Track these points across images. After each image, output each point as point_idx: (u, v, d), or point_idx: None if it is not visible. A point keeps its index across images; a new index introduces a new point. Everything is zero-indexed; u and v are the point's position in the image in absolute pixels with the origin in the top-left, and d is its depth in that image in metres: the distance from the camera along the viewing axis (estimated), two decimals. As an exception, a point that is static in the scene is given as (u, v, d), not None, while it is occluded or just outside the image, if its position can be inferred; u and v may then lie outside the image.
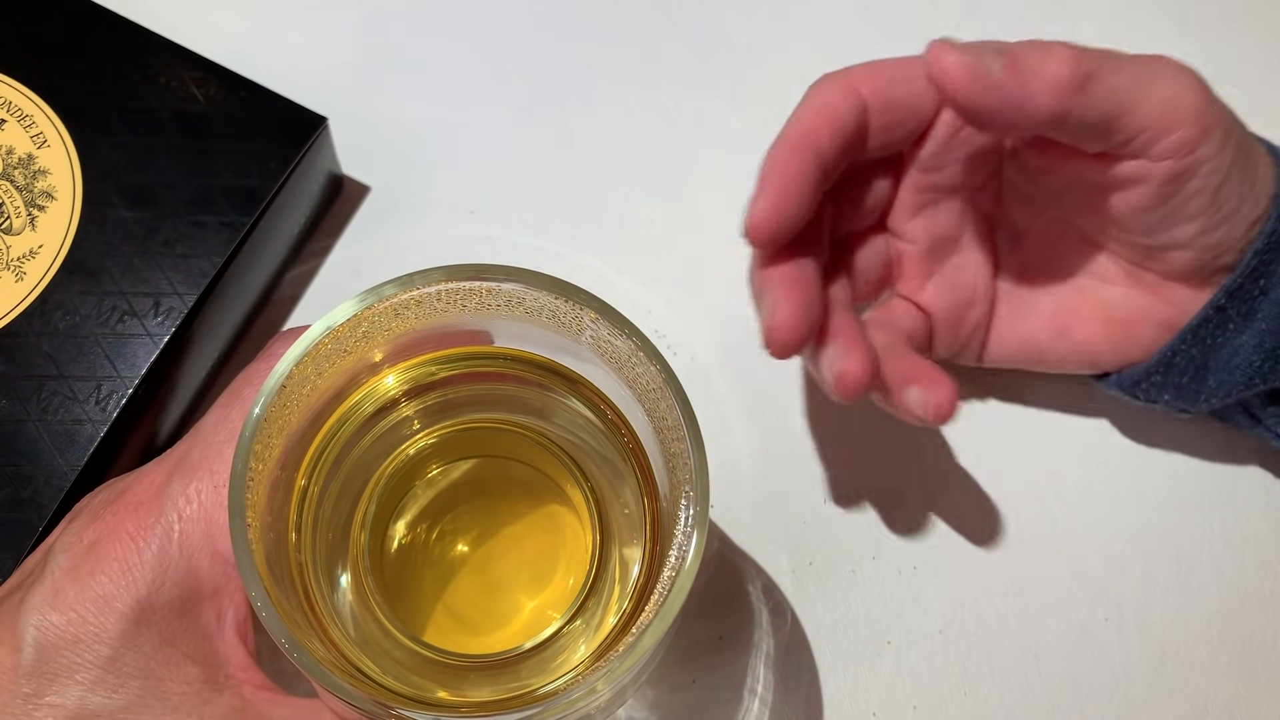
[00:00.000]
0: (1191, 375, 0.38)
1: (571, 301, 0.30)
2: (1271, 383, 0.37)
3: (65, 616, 0.30)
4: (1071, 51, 0.34)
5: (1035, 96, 0.34)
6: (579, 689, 0.27)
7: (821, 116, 0.36)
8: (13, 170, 0.40)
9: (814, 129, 0.36)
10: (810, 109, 0.36)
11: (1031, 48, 0.34)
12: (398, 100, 0.48)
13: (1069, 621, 0.41)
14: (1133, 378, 0.40)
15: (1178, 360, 0.38)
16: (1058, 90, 0.34)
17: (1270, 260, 0.36)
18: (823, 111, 0.36)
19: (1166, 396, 0.40)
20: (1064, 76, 0.34)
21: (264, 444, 0.29)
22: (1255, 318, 0.37)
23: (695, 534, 0.28)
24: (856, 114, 0.36)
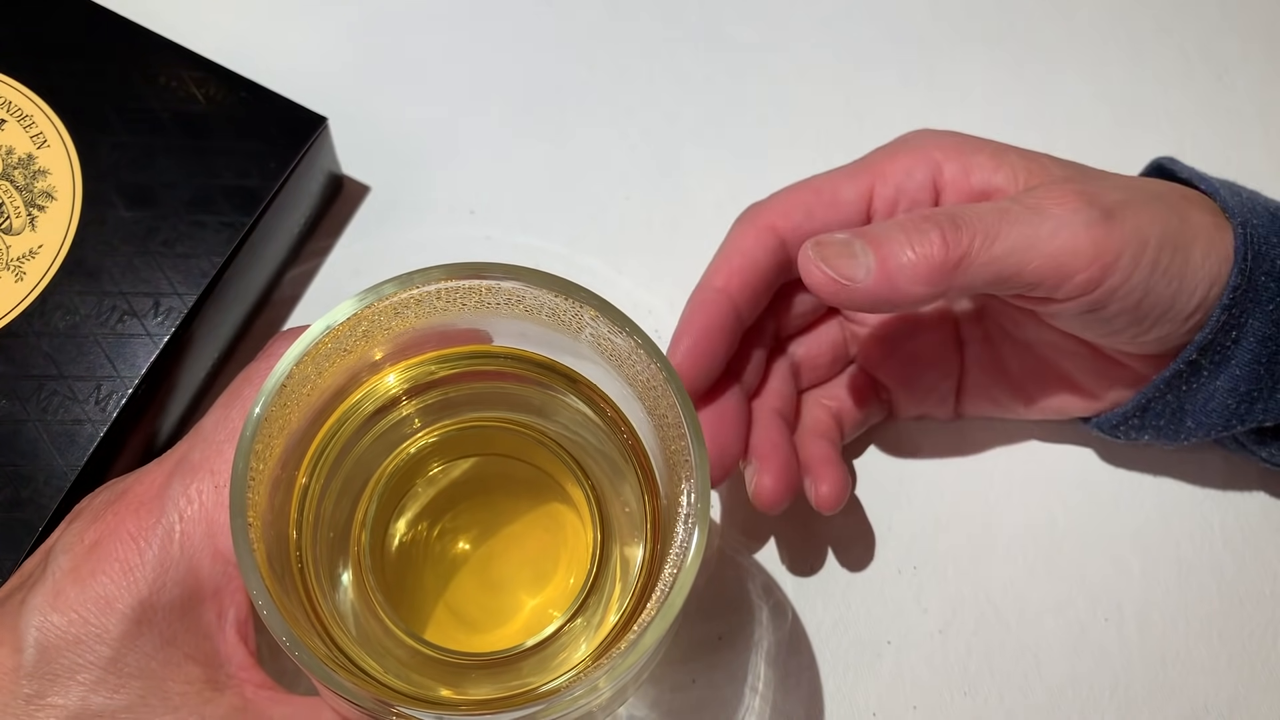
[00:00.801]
0: (1168, 419, 0.39)
1: (571, 299, 0.30)
2: (1249, 423, 0.37)
3: (66, 617, 0.30)
4: (945, 235, 0.34)
5: (908, 289, 0.34)
6: (580, 687, 0.27)
7: (733, 265, 0.37)
8: (13, 170, 0.40)
9: (726, 280, 0.37)
10: (724, 257, 0.38)
11: (899, 234, 0.34)
12: (398, 100, 0.48)
13: (1069, 621, 0.41)
14: (1110, 422, 0.40)
15: (1153, 406, 0.39)
16: (930, 279, 0.34)
17: (1239, 313, 0.35)
18: (734, 259, 0.37)
19: (1146, 437, 0.40)
20: (935, 266, 0.33)
21: (265, 443, 0.29)
22: (1229, 364, 0.36)
23: (696, 532, 0.28)
24: (773, 254, 0.38)
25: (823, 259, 0.34)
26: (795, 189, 0.39)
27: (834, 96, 0.49)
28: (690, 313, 0.37)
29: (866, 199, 0.38)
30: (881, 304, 0.34)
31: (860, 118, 0.48)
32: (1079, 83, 0.49)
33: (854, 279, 0.34)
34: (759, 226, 0.38)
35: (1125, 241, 0.34)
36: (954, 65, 0.49)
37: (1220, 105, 0.49)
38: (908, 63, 0.49)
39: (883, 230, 0.34)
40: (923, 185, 0.37)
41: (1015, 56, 0.50)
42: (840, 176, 0.38)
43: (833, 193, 0.38)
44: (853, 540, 0.42)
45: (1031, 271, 0.34)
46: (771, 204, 0.38)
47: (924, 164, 0.37)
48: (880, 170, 0.38)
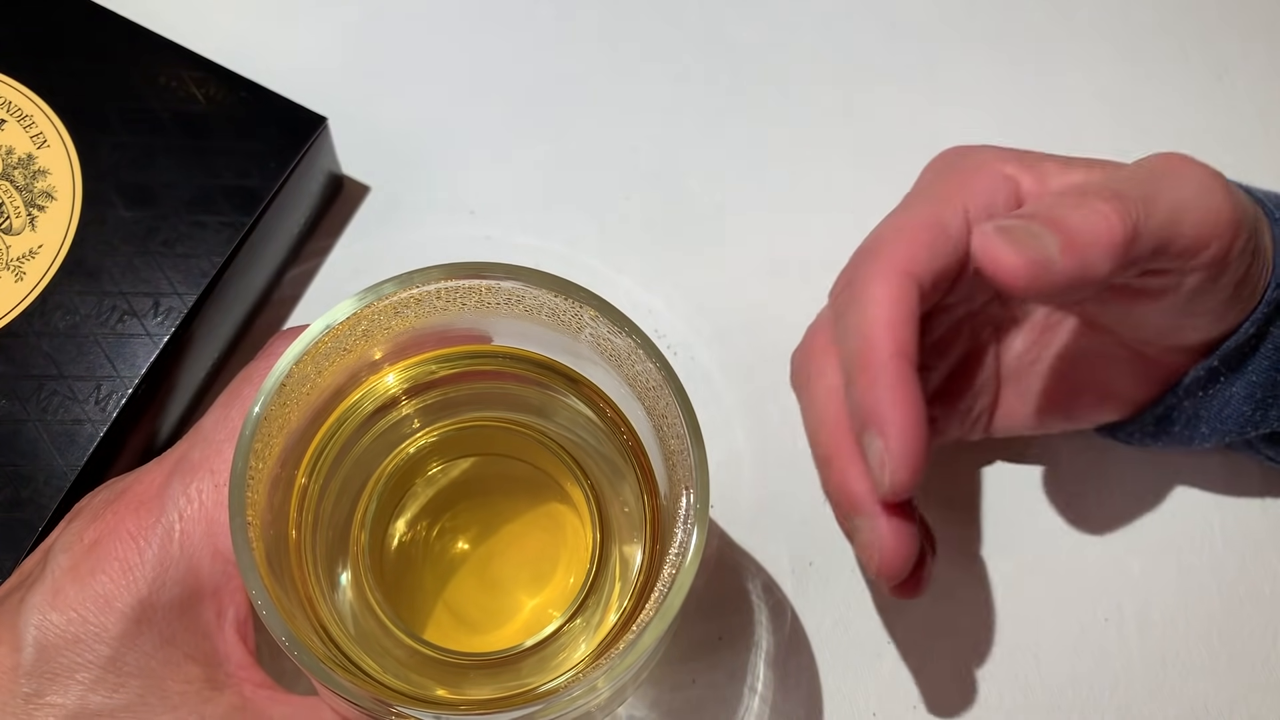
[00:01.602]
0: (1184, 425, 0.38)
1: (571, 299, 0.30)
2: (1263, 429, 0.37)
3: (66, 616, 0.30)
4: (1115, 206, 0.31)
5: (1095, 268, 0.31)
6: (579, 687, 0.27)
7: (896, 323, 0.33)
8: (12, 170, 0.40)
9: (898, 343, 0.33)
10: (880, 319, 0.33)
11: (1075, 211, 0.31)
12: (398, 100, 0.48)
13: (1069, 621, 0.41)
14: (1126, 430, 0.40)
15: (1170, 414, 0.38)
16: (1114, 254, 0.31)
17: (1269, 320, 0.35)
18: (893, 317, 0.33)
19: (1160, 443, 0.40)
20: (1117, 239, 0.31)
21: (264, 442, 0.29)
22: (1245, 371, 0.36)
23: (695, 532, 0.28)
24: (920, 303, 0.34)
25: (1015, 244, 0.30)
26: (903, 231, 0.35)
27: (834, 96, 0.48)
28: (883, 398, 0.32)
29: (967, 226, 0.35)
30: (1071, 287, 0.31)
31: (860, 118, 0.48)
32: (1079, 82, 0.49)
33: (1051, 260, 0.30)
34: (895, 275, 0.34)
35: (1244, 217, 0.33)
36: (954, 65, 0.49)
37: (1220, 105, 0.49)
38: (908, 63, 0.49)
39: (1051, 210, 0.32)
40: (1008, 201, 0.35)
41: (1015, 56, 0.50)
42: (936, 207, 0.35)
43: (941, 226, 0.35)
44: (852, 540, 0.42)
45: (1183, 239, 0.32)
46: (894, 250, 0.34)
47: (1002, 180, 0.35)
48: (967, 193, 0.35)
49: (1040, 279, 0.30)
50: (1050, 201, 0.32)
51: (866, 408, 0.32)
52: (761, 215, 0.46)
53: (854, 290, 0.34)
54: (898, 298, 0.33)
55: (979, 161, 0.36)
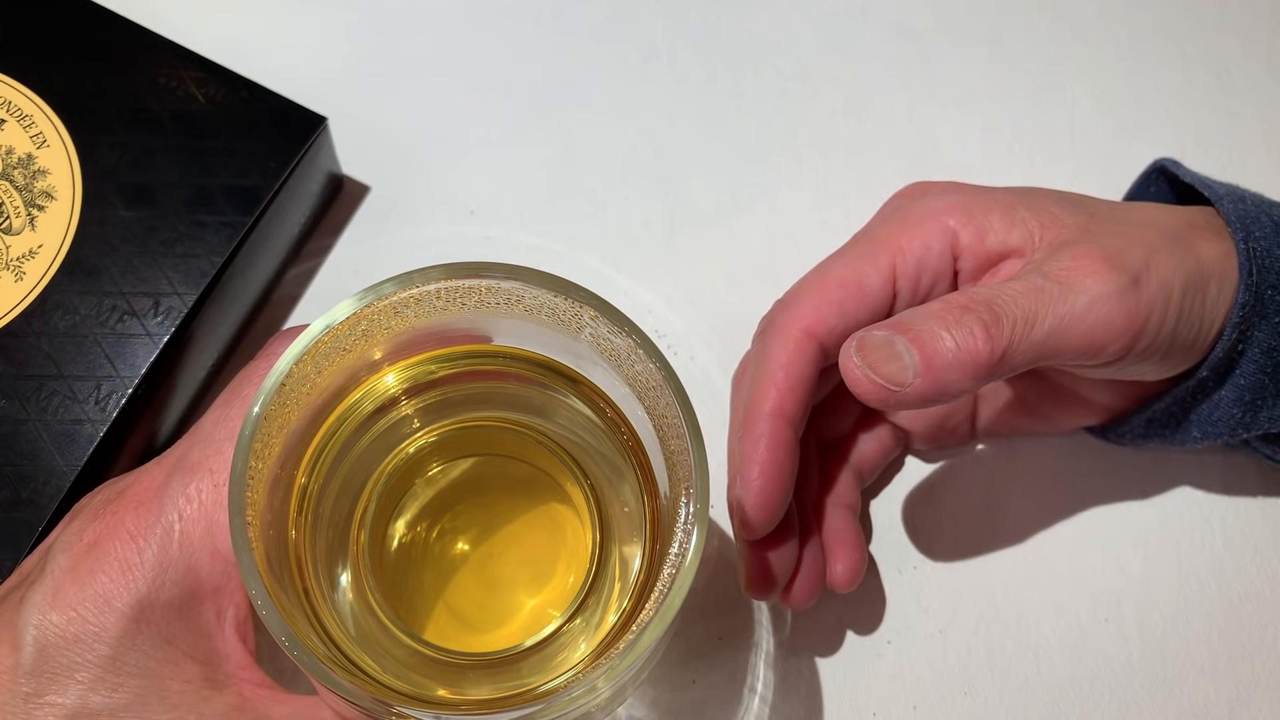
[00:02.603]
0: (1174, 427, 0.39)
1: (570, 299, 0.30)
2: (1254, 430, 0.38)
3: (65, 616, 0.30)
4: (985, 330, 0.33)
5: (956, 385, 0.33)
6: (579, 687, 0.27)
7: (780, 384, 0.36)
8: (12, 170, 0.40)
9: (778, 402, 0.36)
10: (768, 377, 0.36)
11: (940, 330, 0.33)
12: (398, 100, 0.48)
13: (1069, 621, 0.41)
14: (1116, 431, 0.41)
15: (1159, 417, 0.39)
16: (977, 374, 0.33)
17: (1247, 328, 0.36)
18: (779, 377, 0.36)
19: (1151, 444, 0.40)
20: (980, 361, 0.33)
21: (264, 442, 0.29)
22: (1234, 375, 0.37)
23: (695, 532, 0.28)
24: (815, 364, 0.37)
25: (870, 366, 0.33)
26: (820, 285, 0.37)
27: (834, 96, 0.49)
28: (751, 449, 0.36)
29: (891, 280, 0.37)
30: (928, 402, 0.33)
31: (860, 118, 0.48)
32: (1079, 83, 0.49)
33: (903, 383, 0.33)
34: (795, 336, 0.36)
35: (1152, 304, 0.34)
36: (954, 65, 0.49)
37: (1220, 105, 0.49)
38: (908, 63, 0.49)
39: (922, 324, 0.33)
40: (941, 256, 0.37)
41: (1015, 56, 0.50)
42: (860, 262, 0.37)
43: (859, 283, 0.37)
44: (852, 540, 0.42)
45: (1070, 349, 0.34)
46: (800, 308, 0.37)
47: (940, 235, 0.37)
48: (898, 248, 0.37)
49: (891, 399, 0.33)
50: (928, 311, 0.33)
51: (739, 454, 0.36)
52: (761, 215, 0.47)
53: (761, 342, 0.37)
54: (791, 360, 0.36)
55: (927, 214, 0.37)
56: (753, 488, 0.35)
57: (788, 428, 0.36)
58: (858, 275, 0.37)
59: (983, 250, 0.36)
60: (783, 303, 0.38)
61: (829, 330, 0.37)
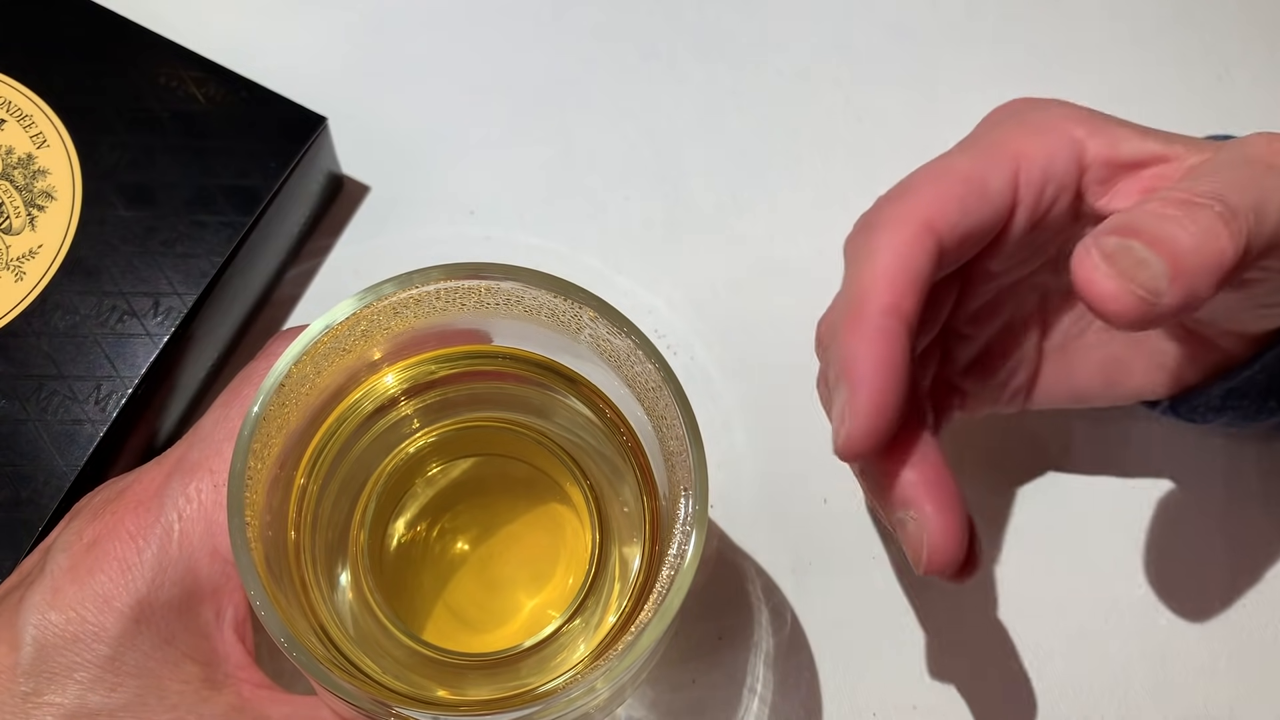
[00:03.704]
0: (1253, 398, 0.36)
1: (570, 300, 0.30)
2: None
3: (64, 615, 0.30)
4: (1227, 224, 0.28)
5: (1202, 294, 0.28)
6: (578, 687, 0.27)
7: (898, 278, 0.31)
8: (12, 170, 0.40)
9: (896, 297, 0.30)
10: (883, 269, 0.31)
11: (1183, 230, 0.28)
12: (398, 100, 0.48)
13: (1069, 621, 0.41)
14: (1190, 404, 0.38)
15: (1241, 386, 0.36)
16: (1223, 278, 0.28)
17: None
18: (897, 270, 0.31)
19: (1224, 418, 0.38)
20: (1228, 263, 0.28)
21: (263, 442, 0.29)
22: None
23: (694, 532, 0.28)
24: (934, 260, 0.31)
25: (1120, 274, 0.28)
26: (938, 177, 0.32)
27: (834, 96, 0.48)
28: (864, 345, 0.30)
29: (1013, 187, 0.32)
30: (1181, 314, 0.28)
31: (860, 118, 0.48)
32: (1079, 83, 0.49)
33: (1159, 292, 0.28)
34: (913, 227, 0.31)
35: None
36: (954, 65, 0.49)
37: (1220, 105, 0.49)
38: (908, 63, 0.49)
39: (1153, 225, 0.28)
40: (1068, 166, 0.33)
41: (1015, 56, 0.49)
42: (981, 162, 0.33)
43: (983, 181, 0.32)
44: (853, 540, 0.42)
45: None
46: (918, 198, 0.32)
47: (1067, 144, 0.33)
48: (1022, 153, 0.33)
49: (1148, 314, 0.28)
50: (1153, 211, 0.29)
51: (843, 359, 0.30)
52: (762, 215, 0.46)
53: (865, 235, 0.32)
54: (908, 250, 0.31)
55: (1045, 119, 0.33)
56: (864, 393, 0.29)
57: (905, 331, 0.30)
58: (979, 173, 0.32)
59: (1116, 159, 0.33)
60: (891, 195, 0.33)
61: (951, 227, 0.31)
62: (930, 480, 0.31)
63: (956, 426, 0.43)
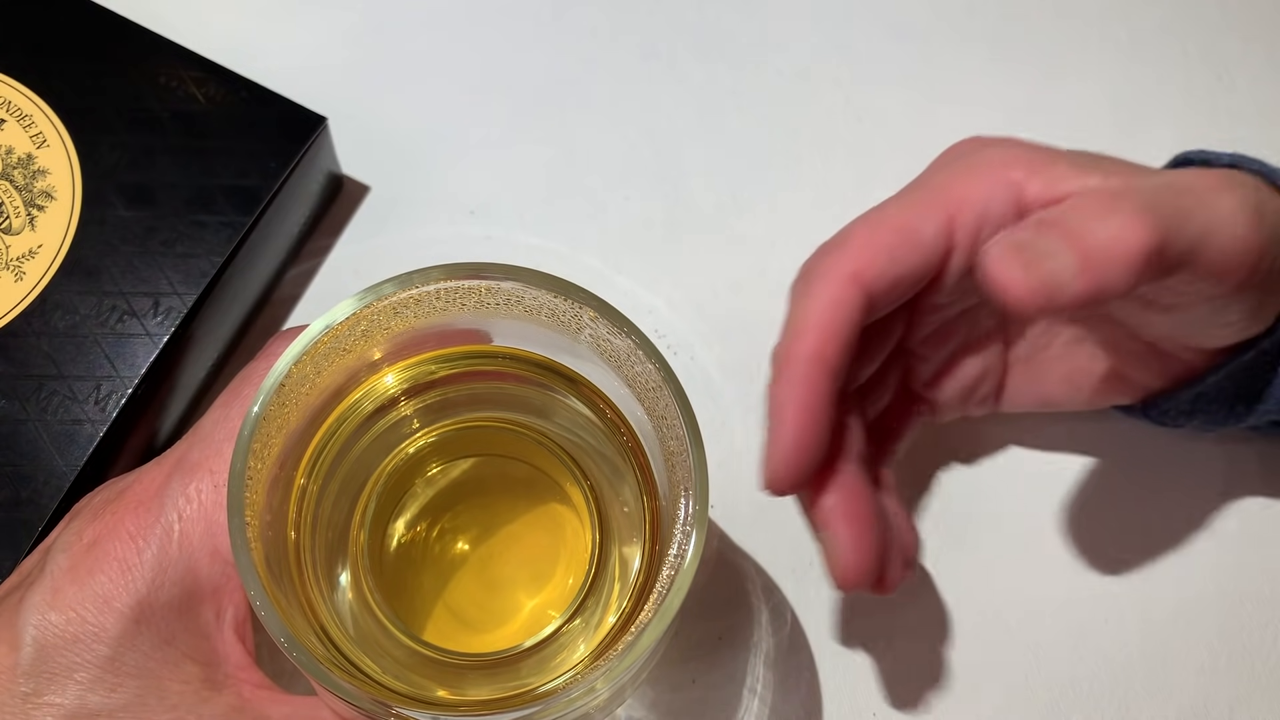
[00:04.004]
0: (1221, 403, 0.37)
1: (570, 300, 0.30)
2: None
3: (65, 616, 0.30)
4: (1145, 218, 0.29)
5: (1113, 286, 0.29)
6: (578, 688, 0.27)
7: (824, 326, 0.32)
8: (12, 170, 0.40)
9: (819, 345, 0.32)
10: (811, 318, 0.32)
11: (1099, 223, 0.29)
12: (398, 100, 0.48)
13: (1069, 621, 0.41)
14: (1159, 408, 0.39)
15: (1209, 391, 0.37)
16: (1136, 271, 0.29)
17: None
18: (823, 319, 0.32)
19: (1195, 422, 0.38)
20: (1141, 252, 0.29)
21: (263, 442, 0.29)
22: None
23: (694, 532, 0.28)
24: (861, 310, 0.33)
25: (1023, 265, 0.29)
26: (870, 228, 0.33)
27: (834, 96, 0.48)
28: (786, 391, 0.32)
29: (948, 234, 0.33)
30: (1089, 305, 0.29)
31: (860, 118, 0.48)
32: (1079, 82, 0.49)
33: (1063, 283, 0.29)
34: (841, 279, 0.32)
35: (1274, 234, 0.32)
36: (954, 65, 0.49)
37: (1220, 105, 0.49)
38: (908, 63, 0.49)
39: (1076, 220, 0.30)
40: (1005, 210, 0.33)
41: (1015, 56, 0.49)
42: (917, 210, 0.34)
43: (914, 230, 0.33)
44: (852, 540, 0.42)
45: (1207, 261, 0.30)
46: (848, 250, 0.33)
47: (1004, 187, 0.33)
48: (958, 198, 0.33)
49: (1050, 303, 0.29)
50: (1076, 206, 0.30)
51: (770, 402, 0.32)
52: (762, 215, 0.46)
53: (803, 284, 0.34)
54: (835, 302, 0.32)
55: (984, 162, 0.34)
56: (786, 435, 0.31)
57: (827, 377, 0.32)
58: (913, 222, 0.33)
59: (1055, 198, 0.33)
60: (828, 246, 0.34)
61: (878, 276, 0.33)
62: (847, 508, 0.32)
63: (957, 432, 0.43)
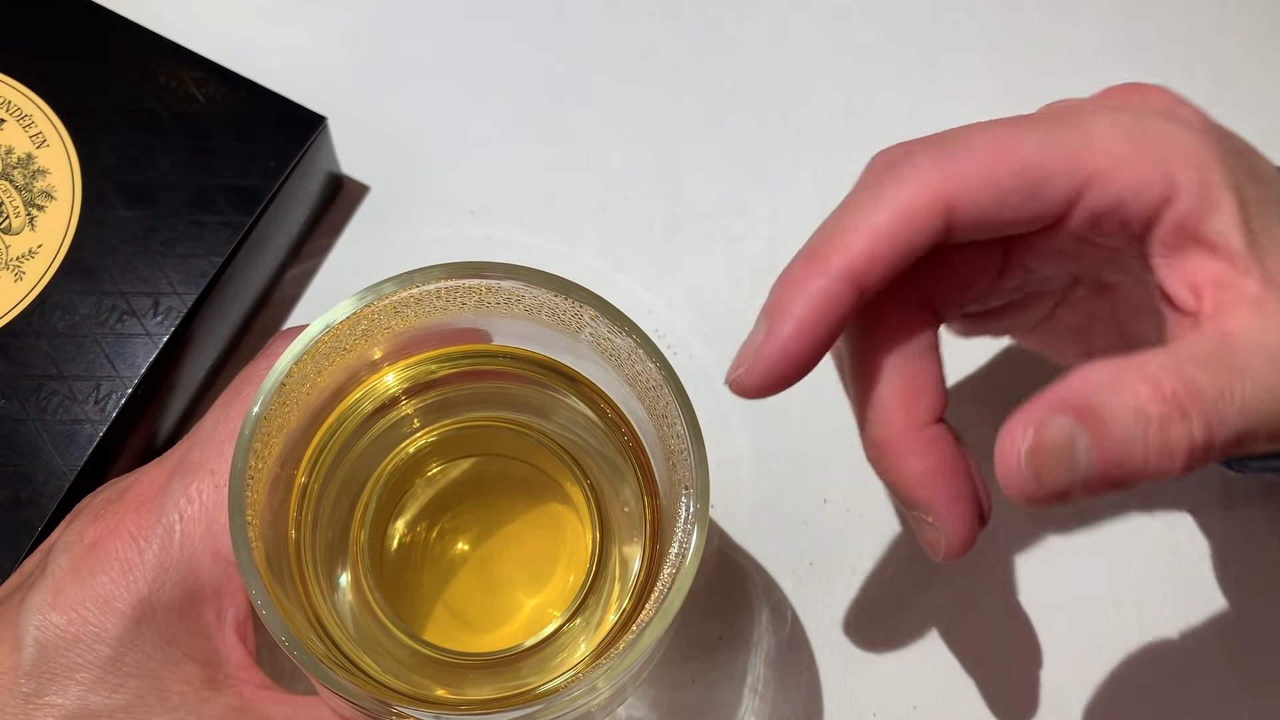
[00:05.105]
0: None
1: (570, 299, 0.30)
2: None
3: (66, 616, 0.30)
4: (1186, 447, 0.25)
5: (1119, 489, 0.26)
6: (579, 687, 0.27)
7: (877, 245, 0.27)
8: (12, 170, 0.40)
9: (863, 263, 0.27)
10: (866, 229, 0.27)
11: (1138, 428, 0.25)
12: (398, 100, 0.48)
13: (1070, 622, 0.41)
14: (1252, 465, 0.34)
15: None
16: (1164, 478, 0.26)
17: None
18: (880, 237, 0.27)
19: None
20: (1176, 469, 0.26)
21: (263, 442, 0.29)
22: None
23: (695, 532, 0.28)
24: (933, 236, 0.27)
25: (1037, 475, 0.26)
26: (985, 148, 0.27)
27: (834, 96, 0.48)
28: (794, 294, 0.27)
29: (1071, 202, 0.28)
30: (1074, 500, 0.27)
31: (860, 118, 0.48)
32: (1079, 83, 0.49)
33: (1070, 490, 0.26)
34: (929, 194, 0.27)
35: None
36: (954, 65, 0.49)
37: (1220, 105, 0.49)
38: (908, 63, 0.49)
39: (1117, 423, 0.25)
40: (1145, 210, 0.28)
41: (1015, 56, 0.49)
42: (1048, 156, 0.27)
43: (1037, 181, 0.27)
44: (853, 540, 0.42)
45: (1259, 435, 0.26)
46: (949, 165, 0.27)
47: (1160, 184, 0.27)
48: (1102, 171, 0.28)
49: (1046, 505, 0.26)
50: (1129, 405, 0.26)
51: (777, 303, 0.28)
52: (762, 215, 0.46)
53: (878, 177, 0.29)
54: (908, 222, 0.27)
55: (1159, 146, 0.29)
56: (778, 337, 0.27)
57: (850, 298, 0.27)
58: (1038, 170, 0.27)
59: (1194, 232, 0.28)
60: (933, 145, 0.28)
61: (972, 208, 0.27)
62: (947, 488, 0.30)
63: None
